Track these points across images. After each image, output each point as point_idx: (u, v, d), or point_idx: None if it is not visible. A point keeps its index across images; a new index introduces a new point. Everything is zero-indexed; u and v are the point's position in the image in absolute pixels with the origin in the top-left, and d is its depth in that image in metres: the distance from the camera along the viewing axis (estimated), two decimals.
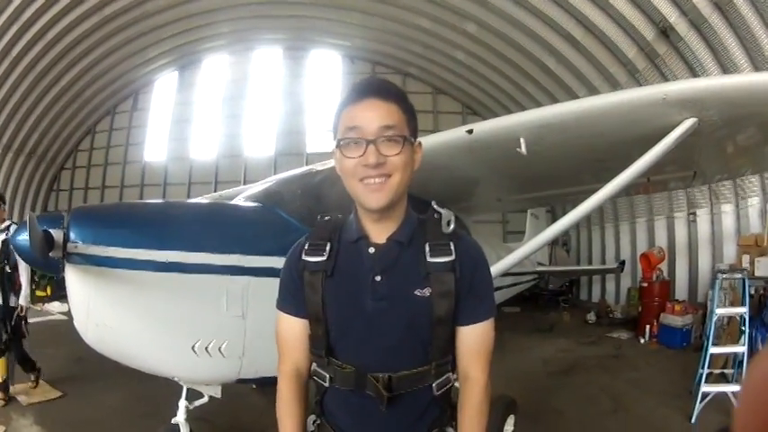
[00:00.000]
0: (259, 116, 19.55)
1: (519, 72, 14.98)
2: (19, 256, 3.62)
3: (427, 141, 4.33)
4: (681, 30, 10.27)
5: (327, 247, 1.58)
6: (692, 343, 9.52)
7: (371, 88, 1.55)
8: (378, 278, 1.53)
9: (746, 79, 3.44)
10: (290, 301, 1.66)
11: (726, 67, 9.61)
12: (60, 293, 11.58)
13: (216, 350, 3.54)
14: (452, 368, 1.62)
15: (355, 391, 1.56)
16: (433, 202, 1.64)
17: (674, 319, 9.77)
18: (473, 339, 1.60)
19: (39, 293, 13.12)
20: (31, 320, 10.14)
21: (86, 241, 3.22)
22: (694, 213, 11.42)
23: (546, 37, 13.18)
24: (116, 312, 3.41)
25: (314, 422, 1.67)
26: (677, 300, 10.61)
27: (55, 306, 11.12)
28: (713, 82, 3.50)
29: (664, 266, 11.65)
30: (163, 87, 19.99)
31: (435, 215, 1.62)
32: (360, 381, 1.55)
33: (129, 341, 3.47)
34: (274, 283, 1.76)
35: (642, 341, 10.23)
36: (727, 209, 10.59)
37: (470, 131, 3.92)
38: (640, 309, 11.11)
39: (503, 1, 13.11)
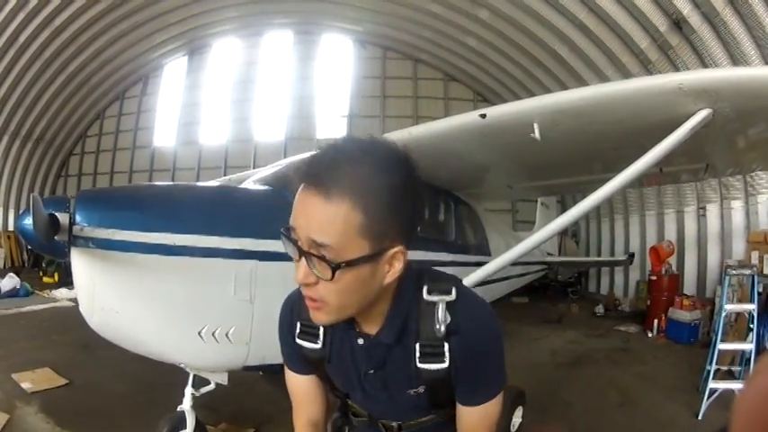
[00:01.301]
0: (269, 101, 19.46)
1: (531, 60, 14.82)
2: (24, 239, 3.57)
3: (439, 126, 4.35)
4: (694, 22, 10.15)
5: (321, 333, 1.42)
6: (699, 339, 9.46)
7: (316, 174, 1.13)
8: (370, 371, 1.41)
9: (762, 72, 3.40)
10: (296, 363, 1.56)
11: (737, 62, 9.51)
12: (67, 280, 11.58)
13: (223, 336, 3.51)
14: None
15: (370, 427, 1.61)
16: (424, 289, 1.31)
17: (683, 314, 9.70)
18: (472, 421, 1.41)
19: (46, 280, 13.20)
20: (37, 307, 10.34)
21: (92, 224, 3.19)
22: (704, 208, 11.31)
23: (559, 25, 13.04)
24: (122, 296, 3.38)
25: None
26: (686, 294, 10.53)
27: (62, 293, 11.19)
28: (729, 73, 3.48)
29: (673, 260, 11.56)
30: (172, 72, 19.92)
31: (429, 308, 1.30)
32: (373, 426, 1.59)
33: (134, 326, 3.44)
34: (282, 266, 1.71)
35: (650, 335, 10.17)
36: (737, 205, 10.49)
37: (483, 116, 3.87)
38: (649, 302, 11.04)
39: None
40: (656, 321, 10.21)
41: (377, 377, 1.41)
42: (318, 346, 1.42)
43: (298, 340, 1.45)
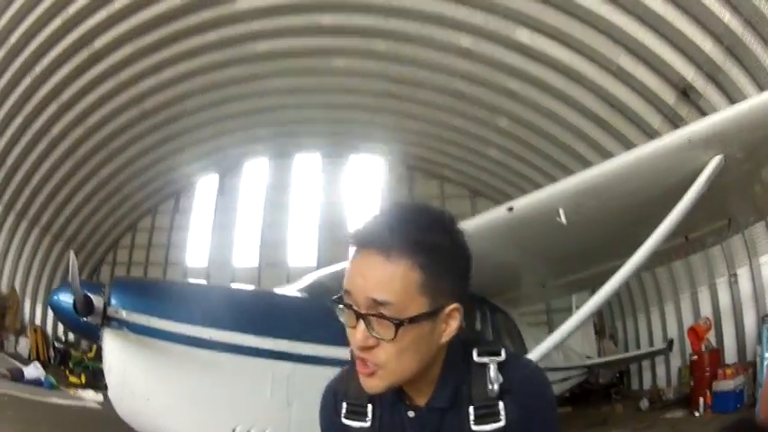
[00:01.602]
0: (301, 224, 19.69)
1: (551, 162, 14.94)
2: (57, 316, 3.63)
3: (466, 226, 4.33)
4: (699, 86, 10.36)
5: (369, 409, 1.37)
6: (745, 402, 9.06)
7: (374, 236, 1.18)
8: None
9: (758, 101, 3.45)
10: None
11: None
12: (95, 383, 11.48)
13: None
14: None
15: None
16: (474, 352, 1.32)
17: (726, 384, 9.39)
18: None
19: (72, 380, 13.05)
20: (62, 401, 10.16)
21: (127, 307, 3.27)
22: (735, 275, 11.04)
23: (574, 121, 13.37)
24: (153, 384, 3.38)
25: None
26: (727, 364, 10.19)
27: (89, 394, 11.00)
28: (730, 112, 3.54)
29: (711, 336, 11.20)
30: (204, 190, 20.43)
31: (480, 370, 1.29)
32: None
33: (163, 415, 3.40)
34: (322, 372, 1.68)
35: (697, 414, 9.71)
36: (766, 259, 10.23)
37: (511, 209, 3.96)
38: (692, 383, 10.65)
39: (530, 89, 13.39)
40: (701, 399, 9.80)
41: None
42: (367, 424, 1.36)
43: (345, 420, 1.38)
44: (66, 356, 14.75)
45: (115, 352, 3.35)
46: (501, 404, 1.24)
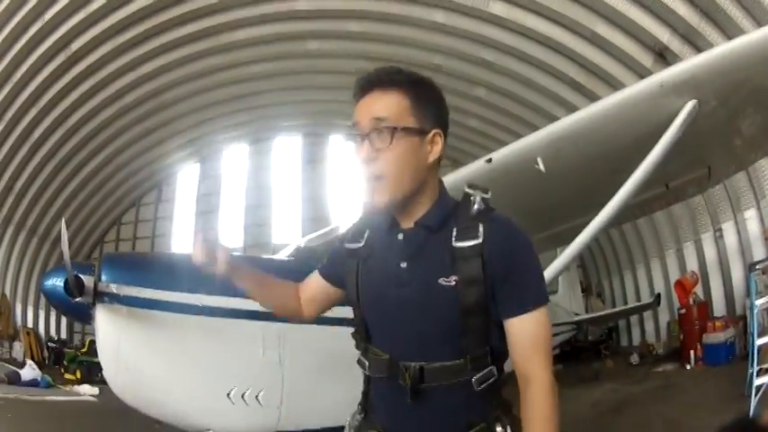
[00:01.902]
0: (283, 204, 19.84)
1: (531, 129, 14.69)
2: (49, 301, 3.66)
3: (446, 180, 4.43)
4: (675, 47, 10.48)
5: (366, 235, 1.59)
6: (737, 354, 9.24)
7: (371, 80, 1.51)
8: (402, 264, 1.46)
9: (731, 45, 3.45)
10: (327, 266, 1.78)
11: None
12: (90, 378, 11.52)
13: (252, 398, 3.50)
14: (495, 361, 1.45)
15: (389, 381, 1.48)
16: (466, 185, 1.53)
17: (717, 336, 9.53)
18: (525, 333, 1.40)
19: (68, 377, 13.06)
20: (59, 398, 10.19)
21: (118, 281, 3.29)
22: (720, 229, 11.23)
23: (552, 88, 13.47)
24: (147, 356, 3.42)
25: (357, 417, 1.61)
26: (716, 317, 10.35)
27: (85, 388, 11.03)
28: (702, 57, 3.52)
29: (699, 290, 11.42)
30: (186, 179, 20.48)
31: (470, 198, 1.49)
32: (392, 369, 1.46)
33: (159, 386, 3.44)
34: (311, 329, 1.77)
35: (689, 367, 9.89)
36: (750, 214, 10.41)
37: (489, 160, 3.98)
38: (682, 337, 10.84)
39: (507, 59, 13.48)
40: (692, 352, 9.97)
41: (409, 270, 1.46)
42: (360, 244, 1.59)
43: (346, 245, 1.63)
44: (61, 355, 14.76)
45: (108, 328, 3.37)
46: (480, 226, 1.42)
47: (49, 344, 15.79)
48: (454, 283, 1.39)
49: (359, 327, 1.58)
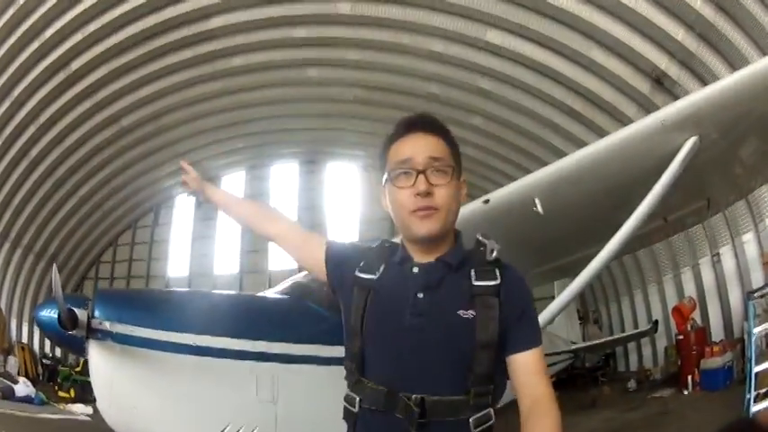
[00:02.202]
0: None
1: (529, 158, 15.07)
2: (43, 331, 3.63)
3: None
4: (673, 73, 10.54)
5: (381, 267, 1.63)
6: (735, 378, 9.10)
7: (418, 122, 1.64)
8: (420, 295, 1.53)
9: (731, 80, 3.44)
10: (335, 259, 1.77)
11: None
12: (84, 396, 11.40)
13: None
14: (493, 401, 1.52)
15: (385, 414, 1.48)
16: (478, 235, 1.64)
17: (714, 361, 9.46)
18: (533, 363, 1.54)
19: (62, 395, 12.96)
20: (53, 416, 10.06)
21: (111, 319, 3.25)
22: (718, 254, 11.22)
23: (549, 116, 13.51)
24: (140, 393, 3.37)
25: None
26: (714, 342, 10.30)
27: (79, 407, 10.93)
28: (703, 93, 3.52)
29: (696, 315, 11.36)
30: (183, 203, 20.39)
31: (481, 247, 1.60)
32: (390, 400, 1.48)
33: (153, 423, 3.39)
34: (306, 369, 1.75)
35: (686, 392, 9.79)
36: (748, 237, 10.40)
37: (487, 201, 3.97)
38: (679, 362, 10.77)
39: (503, 88, 13.56)
40: (689, 377, 9.89)
41: (426, 300, 1.54)
42: (374, 276, 1.62)
43: (358, 274, 1.64)
44: (55, 372, 14.74)
45: (101, 363, 3.32)
46: (497, 271, 1.56)
47: (44, 360, 15.72)
48: (472, 316, 1.49)
49: (354, 357, 1.57)
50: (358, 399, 1.54)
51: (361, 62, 14.35)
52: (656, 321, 11.82)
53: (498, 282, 1.52)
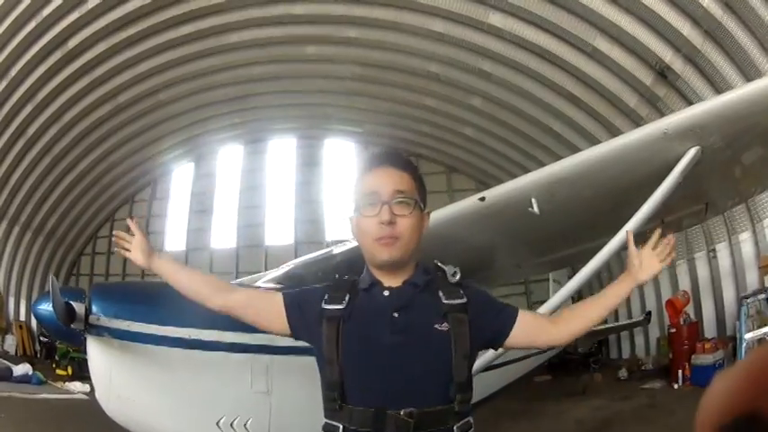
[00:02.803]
0: (277, 206, 19.83)
1: (527, 140, 15.13)
2: (41, 324, 3.68)
3: (440, 214, 4.39)
4: (677, 67, 10.50)
5: (346, 298, 1.69)
6: None
7: (386, 158, 1.78)
8: (395, 314, 1.64)
9: (739, 93, 3.41)
10: (294, 306, 1.80)
11: (723, 93, 9.59)
12: (81, 374, 11.48)
13: (241, 426, 3.53)
14: (472, 410, 1.66)
15: None
16: (435, 261, 1.78)
17: (705, 358, 9.55)
18: (528, 322, 1.81)
19: (59, 372, 13.04)
20: (50, 396, 10.16)
21: (108, 314, 3.29)
22: (714, 250, 11.28)
23: (549, 100, 13.45)
24: (138, 386, 3.42)
25: None
26: (706, 338, 10.39)
27: (76, 386, 10.99)
28: (709, 105, 3.48)
29: (690, 309, 11.44)
30: (180, 177, 20.44)
31: (439, 272, 1.75)
32: (379, 420, 1.54)
33: (151, 415, 3.46)
34: (299, 360, 1.79)
35: (676, 386, 9.92)
36: (745, 237, 10.47)
37: (483, 199, 3.96)
38: (671, 355, 10.87)
39: (504, 70, 13.44)
40: (680, 372, 10.00)
41: (402, 319, 1.64)
42: (341, 306, 1.68)
43: (324, 305, 1.71)
44: (52, 350, 14.68)
45: (99, 357, 3.37)
46: (461, 290, 1.70)
47: (41, 338, 15.69)
48: (447, 329, 1.62)
49: (334, 386, 1.61)
50: (341, 427, 1.58)
51: (361, 40, 14.21)
52: (650, 312, 11.87)
53: (465, 300, 1.68)
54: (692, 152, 3.46)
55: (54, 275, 3.40)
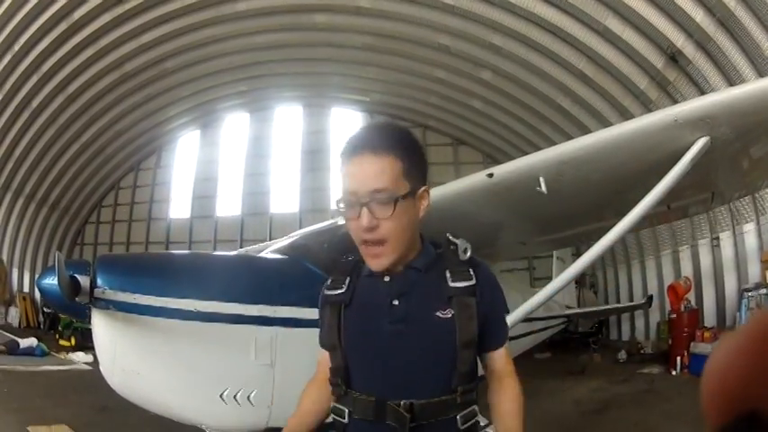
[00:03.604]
0: (282, 173, 19.85)
1: (536, 116, 15.07)
2: (45, 299, 3.69)
3: (448, 189, 4.42)
4: (688, 52, 10.41)
5: (347, 281, 1.64)
6: None
7: (363, 143, 1.54)
8: (395, 302, 1.55)
9: (753, 87, 3.38)
10: (324, 336, 1.69)
11: (734, 83, 9.53)
12: (84, 344, 11.64)
13: (245, 399, 3.54)
14: (476, 399, 1.59)
15: (375, 423, 1.52)
16: (447, 234, 1.66)
17: (705, 347, 9.54)
18: (502, 358, 1.67)
19: (63, 343, 13.20)
20: (54, 368, 10.33)
21: (113, 287, 3.29)
22: (717, 238, 11.28)
23: (559, 77, 13.36)
24: (142, 359, 3.45)
25: None
26: (706, 327, 10.41)
27: (79, 356, 11.17)
28: (721, 96, 3.45)
29: (691, 296, 11.45)
30: (185, 145, 20.42)
31: (452, 246, 1.64)
32: (379, 410, 1.51)
33: (155, 388, 3.49)
34: (302, 332, 1.79)
35: (674, 373, 9.96)
36: (749, 228, 10.46)
37: (491, 175, 3.94)
38: (670, 341, 10.89)
39: (515, 45, 13.33)
40: (678, 359, 10.02)
41: (402, 307, 1.56)
42: (342, 290, 1.63)
43: (326, 292, 1.67)
44: (56, 321, 14.87)
45: (104, 330, 3.39)
46: (471, 271, 1.59)
47: (45, 309, 15.85)
48: (450, 315, 1.52)
49: (339, 371, 1.60)
50: (347, 411, 1.57)
51: (372, 9, 14.05)
52: (651, 297, 11.94)
53: (474, 282, 1.56)
54: (701, 142, 3.45)
55: (58, 250, 3.37)
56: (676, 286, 11.50)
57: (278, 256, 4.64)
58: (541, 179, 3.82)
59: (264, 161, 19.98)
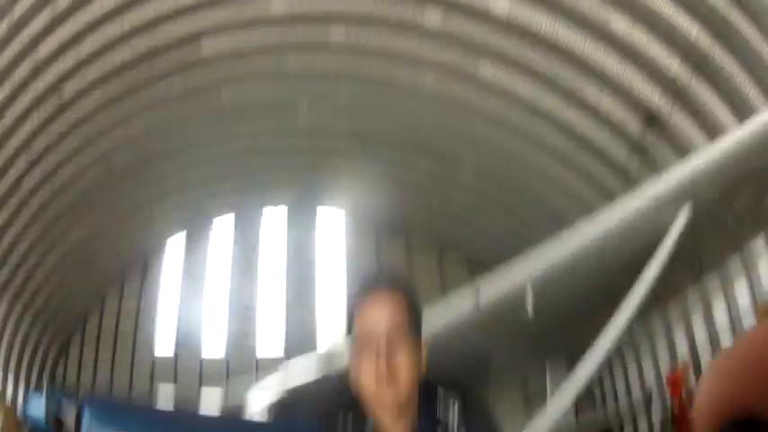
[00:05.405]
0: (268, 299, 19.90)
1: (519, 212, 15.35)
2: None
3: (435, 319, 4.34)
4: (665, 110, 10.48)
5: None
6: None
7: (384, 283, 1.59)
8: None
9: (732, 141, 3.43)
10: None
11: (715, 132, 9.22)
12: None
13: None
14: None
15: None
16: (438, 389, 1.60)
17: None
18: None
19: None
20: None
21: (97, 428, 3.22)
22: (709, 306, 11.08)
23: (537, 161, 13.65)
24: None
25: None
26: None
27: None
28: (702, 159, 3.50)
29: (690, 376, 11.12)
30: (171, 255, 20.25)
31: (446, 399, 1.59)
32: None
33: None
34: None
35: None
36: (741, 283, 10.25)
37: (477, 306, 3.98)
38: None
39: (495, 133, 13.74)
40: None
41: None
42: None
43: None
44: None
45: None
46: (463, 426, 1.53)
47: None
48: None
49: None
50: None
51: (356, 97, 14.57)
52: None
53: None
54: (684, 210, 3.43)
55: (48, 389, 3.32)
56: (674, 378, 11.21)
57: (262, 422, 4.59)
58: (528, 300, 3.82)
59: (251, 278, 20.00)
